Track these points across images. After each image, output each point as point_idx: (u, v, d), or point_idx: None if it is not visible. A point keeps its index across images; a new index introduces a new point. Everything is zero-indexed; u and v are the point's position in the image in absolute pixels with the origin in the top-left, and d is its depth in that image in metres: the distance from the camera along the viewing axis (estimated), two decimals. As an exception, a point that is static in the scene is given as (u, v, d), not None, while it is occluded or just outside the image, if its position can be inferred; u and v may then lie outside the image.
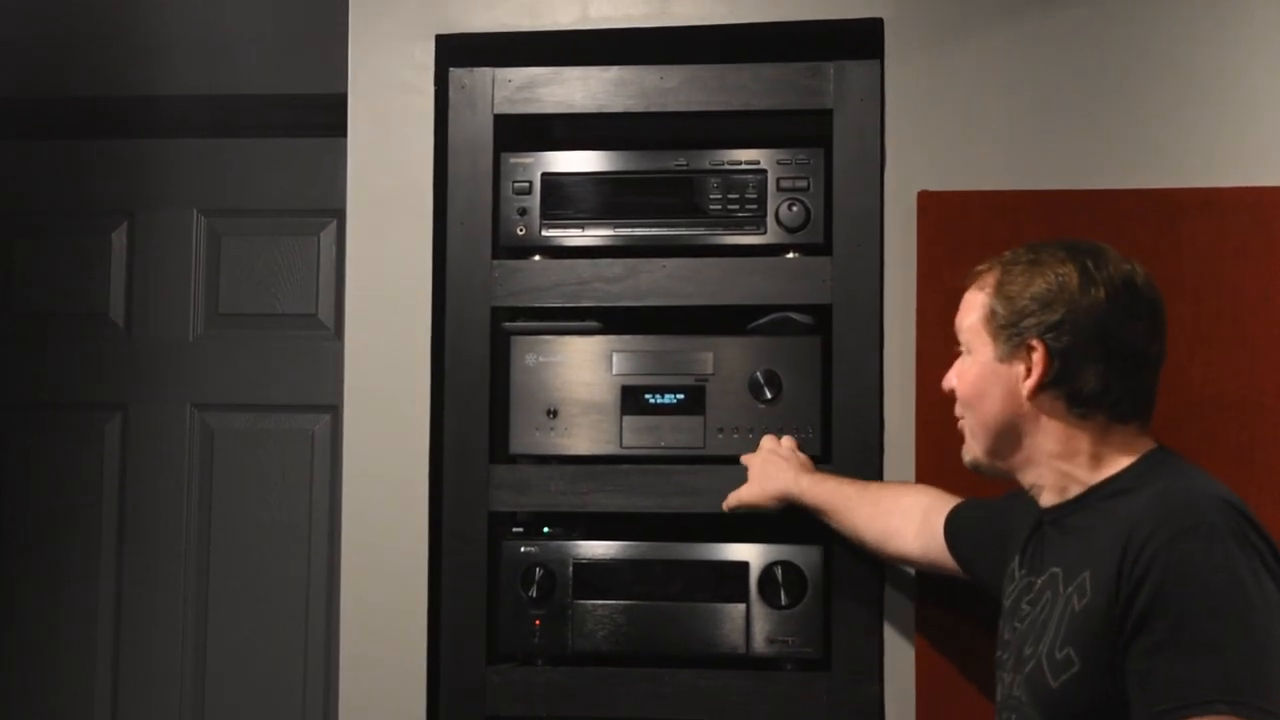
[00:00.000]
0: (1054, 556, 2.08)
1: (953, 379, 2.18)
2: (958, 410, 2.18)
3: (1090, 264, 2.03)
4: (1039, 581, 2.10)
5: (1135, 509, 1.95)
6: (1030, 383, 2.04)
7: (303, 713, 3.67)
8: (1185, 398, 2.72)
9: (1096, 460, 2.06)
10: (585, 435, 2.96)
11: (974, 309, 2.12)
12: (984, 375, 2.10)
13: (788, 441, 2.82)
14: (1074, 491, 2.07)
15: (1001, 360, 2.07)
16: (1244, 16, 2.83)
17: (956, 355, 2.19)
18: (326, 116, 3.27)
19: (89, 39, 3.68)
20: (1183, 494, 1.93)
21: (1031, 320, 2.04)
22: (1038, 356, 2.03)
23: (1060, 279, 2.03)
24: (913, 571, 2.81)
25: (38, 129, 3.80)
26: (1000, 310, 2.07)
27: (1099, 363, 2.01)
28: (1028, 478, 2.13)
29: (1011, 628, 2.16)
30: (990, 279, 2.11)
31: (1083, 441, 2.06)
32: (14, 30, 3.68)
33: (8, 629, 3.76)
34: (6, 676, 3.77)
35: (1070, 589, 2.00)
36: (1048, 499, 2.12)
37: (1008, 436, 2.09)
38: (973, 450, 2.16)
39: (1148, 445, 2.07)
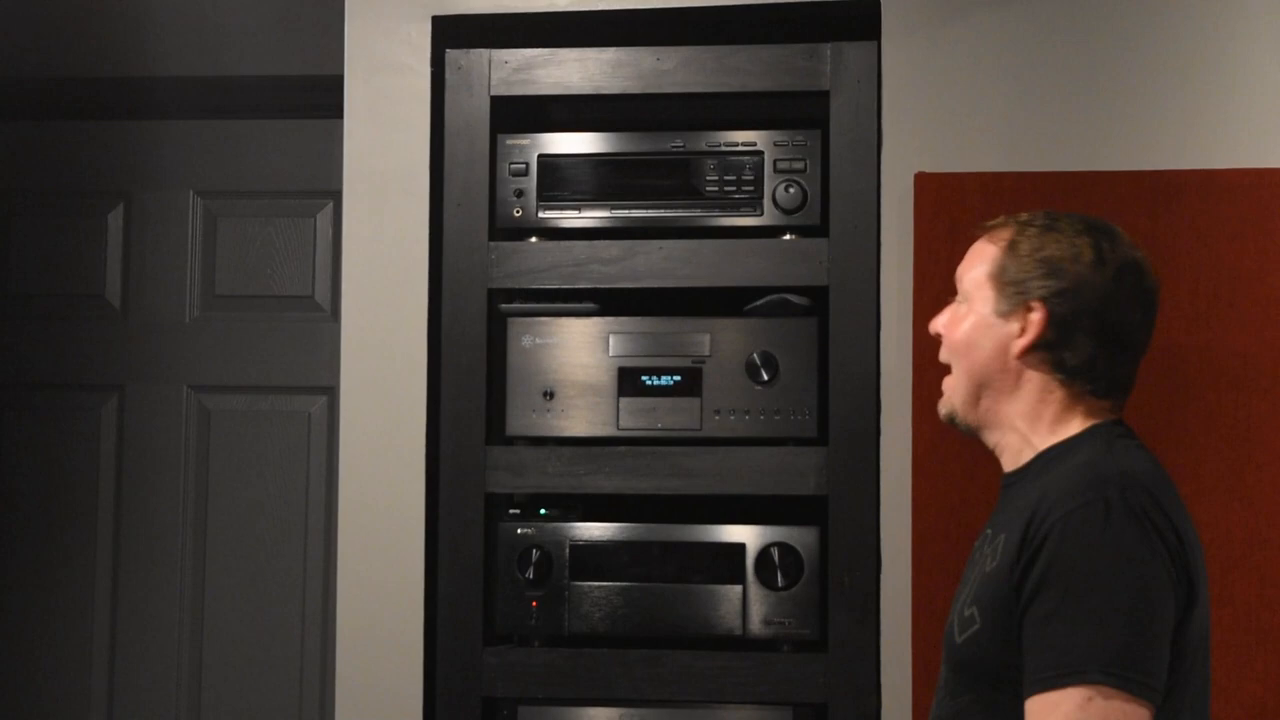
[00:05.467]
0: (994, 520, 2.12)
1: (940, 324, 2.18)
2: (943, 356, 2.19)
3: (1105, 243, 2.05)
4: (977, 543, 2.15)
5: (1050, 480, 1.99)
6: (1023, 342, 2.06)
7: (299, 694, 3.67)
8: (1182, 378, 2.74)
9: (1053, 428, 2.08)
10: (582, 417, 2.98)
11: (982, 261, 2.13)
12: (979, 327, 2.10)
13: None
14: (1026, 458, 2.10)
15: (999, 315, 2.08)
16: (1243, -1, 2.85)
17: (948, 302, 2.20)
18: (323, 98, 3.29)
19: (85, 20, 3.66)
20: (1091, 469, 1.96)
21: (1037, 282, 2.05)
22: (1036, 318, 2.05)
23: (1075, 249, 2.04)
24: (909, 552, 2.84)
25: (34, 110, 3.78)
26: (1010, 266, 2.08)
27: (1091, 337, 2.04)
28: (992, 437, 2.14)
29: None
30: (1005, 235, 2.12)
31: (1051, 408, 2.08)
32: (10, 11, 3.67)
33: (4, 611, 3.76)
34: (3, 657, 3.76)
35: (988, 549, 2.04)
36: (1008, 463, 2.14)
37: (986, 390, 2.11)
38: (950, 402, 2.17)
39: (1104, 418, 2.09)
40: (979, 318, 2.11)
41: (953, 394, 2.17)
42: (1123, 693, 1.83)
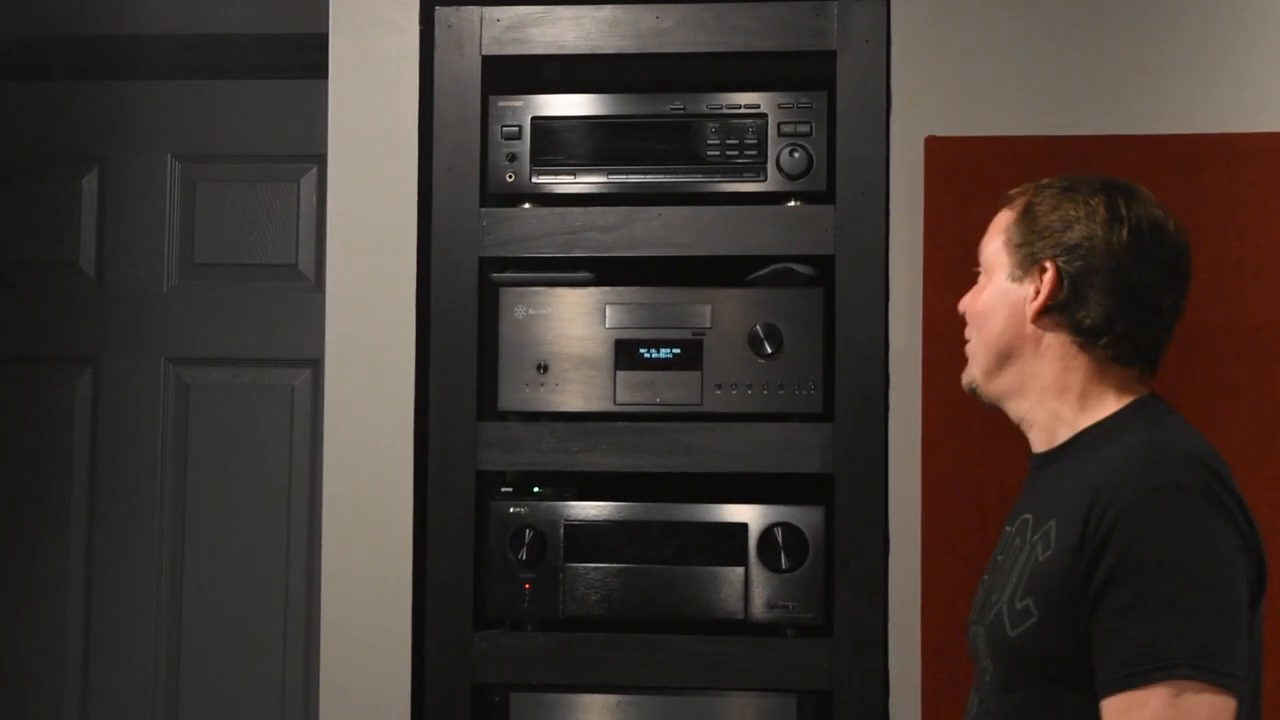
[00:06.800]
0: (1029, 503, 2.10)
1: (964, 300, 2.20)
2: (966, 332, 2.19)
3: (1122, 201, 2.04)
4: (1011, 529, 2.12)
5: (1106, 461, 1.96)
6: (1037, 303, 2.03)
7: (282, 679, 3.69)
8: (1204, 353, 2.75)
9: (1085, 401, 2.05)
10: (577, 391, 2.99)
11: (999, 230, 2.13)
12: (995, 294, 2.09)
13: None
14: (1062, 436, 2.07)
15: (1013, 279, 2.06)
16: (1267, -44, 2.89)
17: (974, 279, 2.21)
18: (307, 57, 3.29)
19: None
20: (1153, 449, 1.94)
21: (1049, 241, 2.03)
22: (1048, 277, 2.02)
23: (1089, 208, 2.03)
24: (918, 533, 2.85)
25: (3, 69, 3.82)
26: (1022, 229, 2.08)
27: (1107, 295, 2.00)
28: (1019, 409, 2.11)
29: (982, 581, 2.19)
30: (1021, 201, 2.12)
31: (1076, 376, 2.05)
32: None
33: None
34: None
35: (1036, 536, 2.01)
36: (1038, 441, 2.13)
37: (1006, 358, 2.08)
38: (971, 372, 2.15)
39: (1139, 392, 2.08)
40: (995, 285, 2.10)
41: (973, 364, 2.15)
42: (1211, 686, 1.80)
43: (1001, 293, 2.09)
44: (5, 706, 3.77)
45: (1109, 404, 2.05)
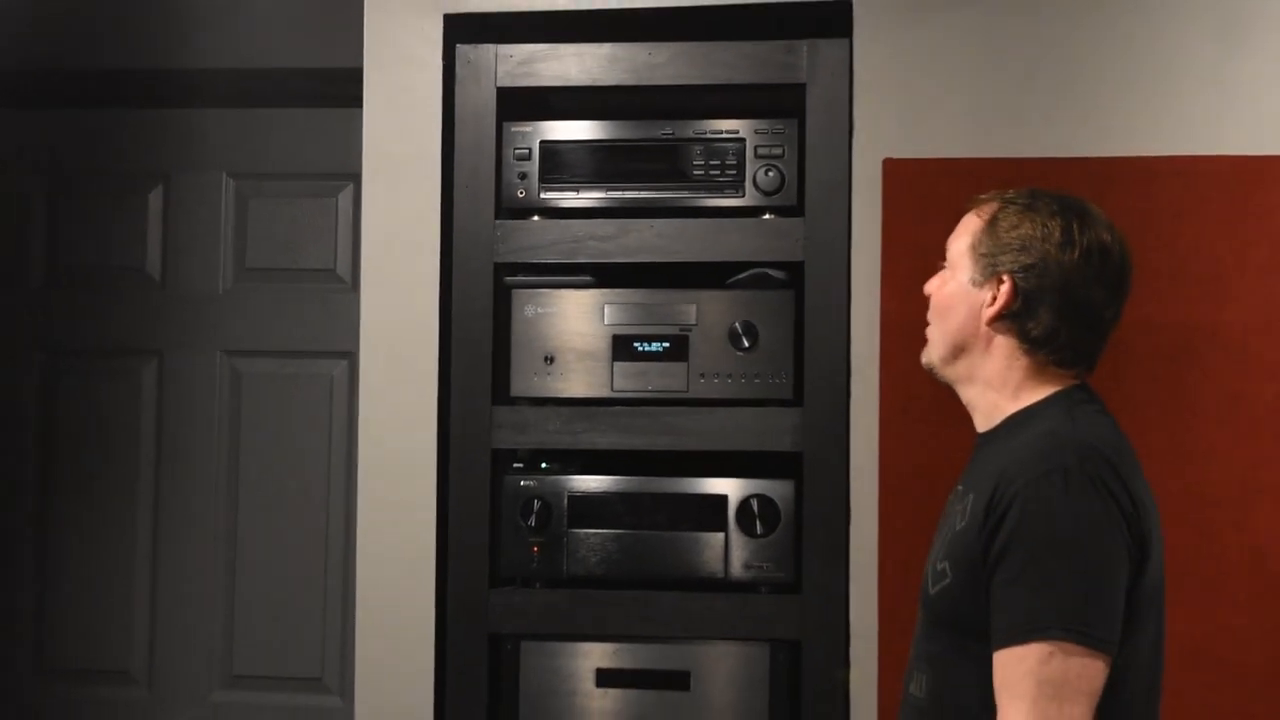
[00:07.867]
0: (965, 477, 2.19)
1: (930, 286, 2.24)
2: (929, 315, 2.24)
3: (1076, 224, 2.11)
4: (951, 499, 2.20)
5: (1017, 447, 2.05)
6: (992, 310, 2.12)
7: (322, 633, 3.74)
8: (1126, 349, 2.79)
9: (1019, 393, 2.14)
10: (579, 379, 3.05)
11: (966, 233, 2.19)
12: (957, 293, 2.17)
13: None
14: (996, 419, 2.16)
15: (974, 284, 2.14)
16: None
17: (940, 268, 2.25)
18: (344, 88, 3.31)
19: (127, 17, 3.68)
20: (1051, 438, 2.02)
21: (1009, 257, 2.10)
22: (1004, 289, 2.10)
23: (1045, 230, 2.10)
24: (876, 505, 2.93)
25: (82, 99, 3.83)
26: (986, 240, 2.14)
27: (1054, 311, 2.09)
28: (966, 393, 2.21)
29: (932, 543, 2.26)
30: (988, 210, 2.17)
31: (1016, 373, 2.13)
32: (62, 9, 3.67)
33: (57, 557, 3.83)
34: (54, 599, 3.85)
35: (959, 507, 2.10)
36: (979, 423, 2.20)
37: (961, 350, 2.17)
38: (930, 354, 2.23)
39: (1065, 384, 2.14)
40: (958, 284, 2.17)
41: (932, 349, 2.23)
42: (1081, 647, 1.91)
43: (964, 292, 2.16)
44: (85, 669, 3.82)
45: (1038, 394, 2.13)
